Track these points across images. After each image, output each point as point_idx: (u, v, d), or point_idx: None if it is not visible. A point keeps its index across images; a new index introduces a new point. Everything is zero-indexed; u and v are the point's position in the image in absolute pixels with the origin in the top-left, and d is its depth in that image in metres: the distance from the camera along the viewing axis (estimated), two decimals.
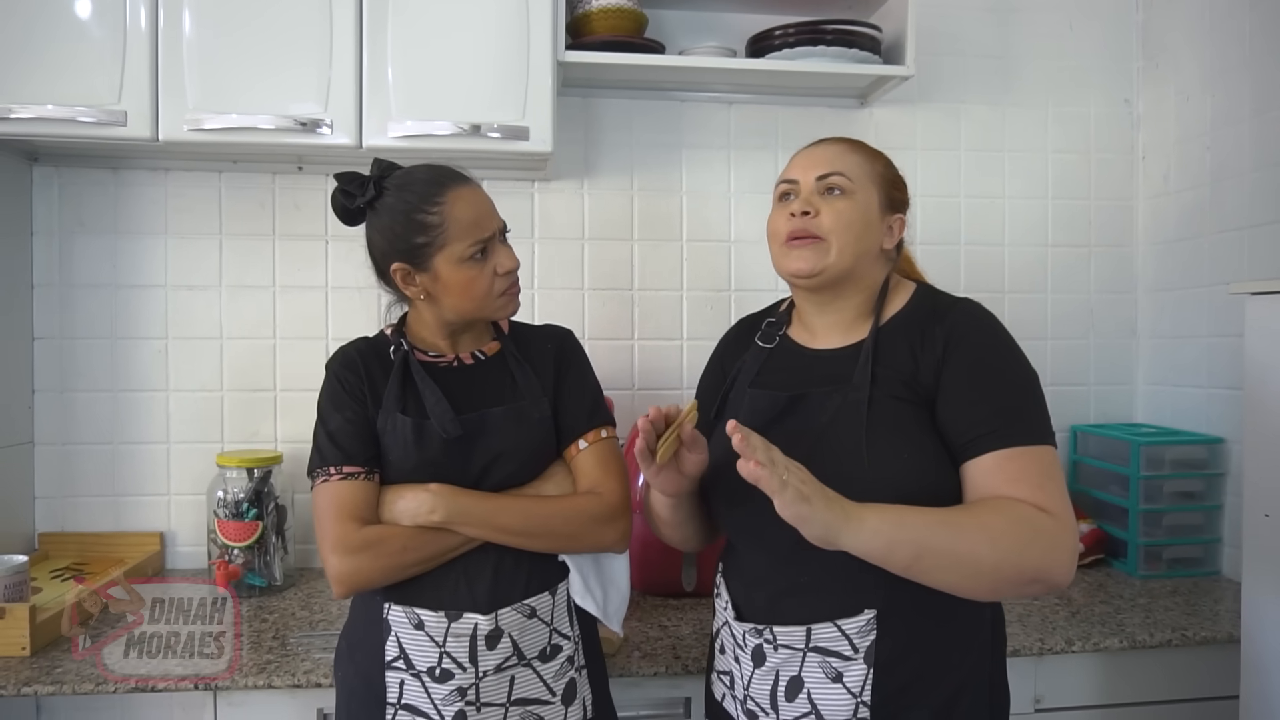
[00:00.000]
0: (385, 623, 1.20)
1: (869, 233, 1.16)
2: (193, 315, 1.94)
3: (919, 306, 1.16)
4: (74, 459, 1.92)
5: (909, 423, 1.08)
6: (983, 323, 1.12)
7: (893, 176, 1.21)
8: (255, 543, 1.78)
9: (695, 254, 2.09)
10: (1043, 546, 0.99)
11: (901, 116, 2.12)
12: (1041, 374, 2.07)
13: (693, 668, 1.45)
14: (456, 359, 1.29)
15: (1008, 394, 1.07)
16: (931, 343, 1.10)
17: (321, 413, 1.24)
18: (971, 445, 1.05)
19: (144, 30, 1.61)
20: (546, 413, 1.27)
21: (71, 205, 1.91)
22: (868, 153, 1.20)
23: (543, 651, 1.22)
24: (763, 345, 1.26)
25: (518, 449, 1.24)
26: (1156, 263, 2.15)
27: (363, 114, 1.67)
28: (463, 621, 1.18)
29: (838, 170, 1.16)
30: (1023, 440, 1.03)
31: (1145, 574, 1.90)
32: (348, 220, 1.26)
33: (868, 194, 1.16)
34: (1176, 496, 1.93)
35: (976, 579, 1.00)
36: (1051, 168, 2.19)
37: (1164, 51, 2.12)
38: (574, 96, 2.03)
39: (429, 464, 1.20)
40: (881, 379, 1.11)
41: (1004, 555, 0.98)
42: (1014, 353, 1.11)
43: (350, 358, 1.27)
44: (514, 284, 1.27)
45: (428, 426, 1.20)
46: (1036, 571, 0.99)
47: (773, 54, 1.86)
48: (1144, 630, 1.58)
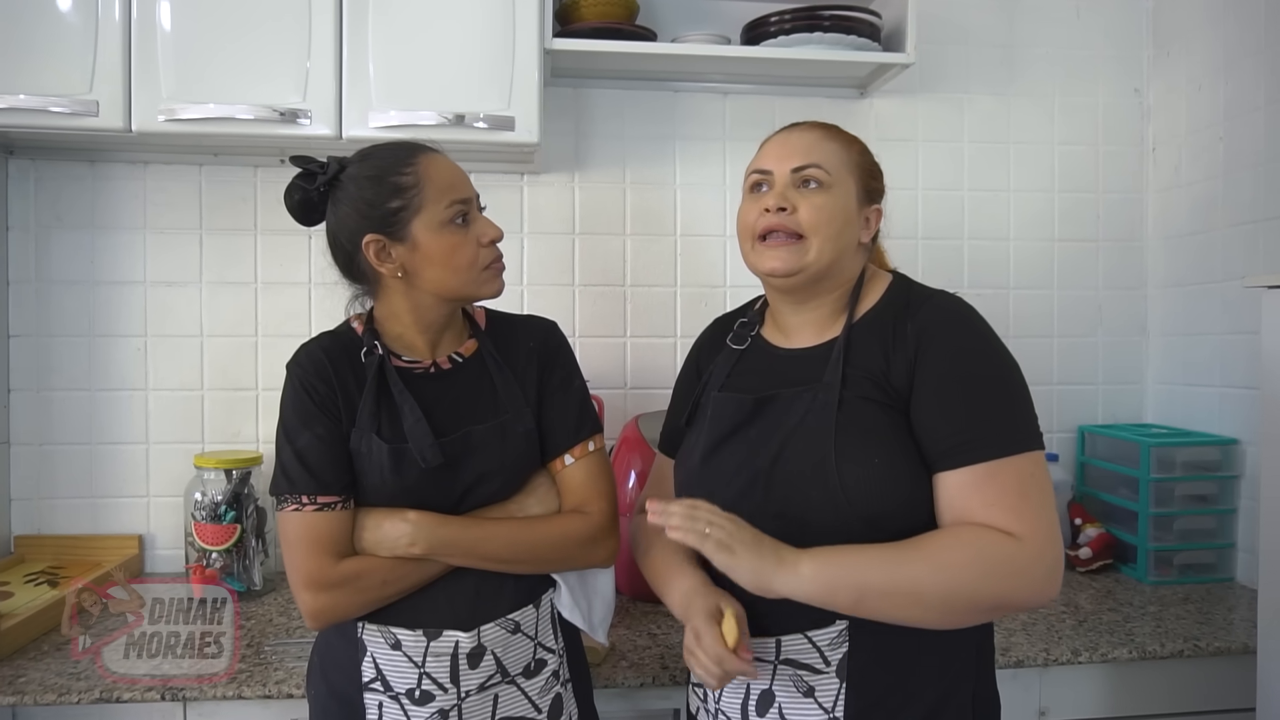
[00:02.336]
0: (360, 642, 1.13)
1: (849, 228, 1.09)
2: (172, 312, 1.89)
3: (893, 301, 1.09)
4: (51, 460, 1.87)
5: (881, 425, 1.01)
6: (957, 318, 1.05)
7: (869, 165, 1.14)
8: (233, 546, 1.73)
9: (689, 249, 2.03)
10: (1002, 576, 0.94)
11: (903, 107, 2.06)
12: (1048, 373, 2.10)
13: (680, 678, 1.39)
14: (434, 364, 1.19)
15: (984, 398, 1.00)
16: (903, 341, 1.04)
17: (286, 426, 1.12)
18: (945, 457, 0.99)
19: (117, 18, 1.57)
20: (530, 425, 1.19)
21: (48, 199, 1.86)
22: (844, 139, 1.13)
23: (527, 667, 1.16)
24: (734, 347, 1.20)
25: (502, 468, 1.16)
26: (1167, 257, 2.08)
27: (343, 104, 1.62)
28: (442, 640, 1.11)
29: (814, 161, 1.08)
30: (1000, 451, 0.97)
31: (1156, 580, 1.83)
32: (306, 213, 1.16)
33: (846, 186, 1.09)
34: (1188, 500, 1.86)
35: (926, 612, 0.96)
36: (1058, 160, 2.12)
37: (1175, 39, 2.05)
38: (564, 87, 1.98)
39: (407, 491, 1.11)
40: (852, 379, 1.04)
41: (953, 588, 0.94)
42: (992, 349, 1.03)
43: (319, 363, 1.13)
44: (498, 258, 1.17)
45: (406, 453, 1.10)
46: (996, 601, 0.96)
47: (768, 41, 1.80)
48: (1154, 640, 1.51)
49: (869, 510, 0.98)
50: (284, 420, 1.13)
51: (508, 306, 1.93)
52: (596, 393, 1.89)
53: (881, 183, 1.16)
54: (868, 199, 1.12)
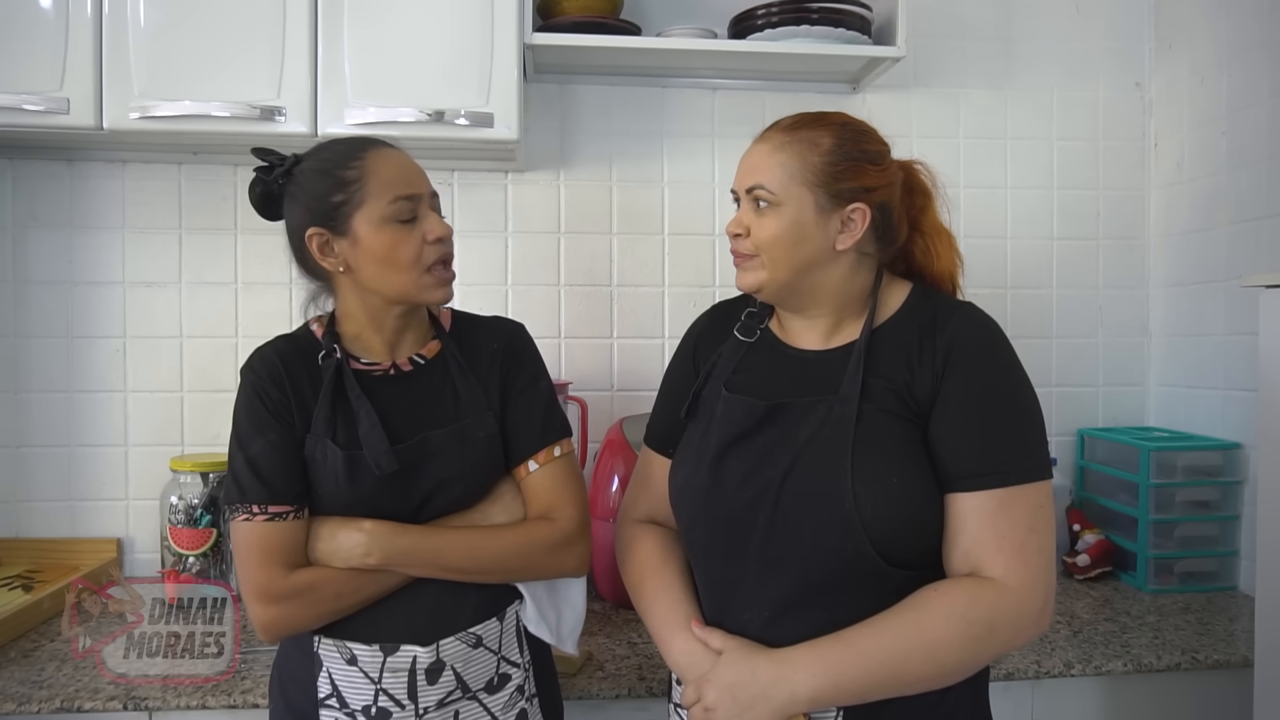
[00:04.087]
0: (316, 657, 1.09)
1: (803, 243, 1.03)
2: (151, 313, 1.87)
3: (916, 310, 1.05)
4: (28, 462, 1.85)
5: (899, 442, 0.98)
6: (987, 337, 1.02)
7: (837, 165, 1.02)
8: (209, 550, 1.70)
9: (678, 248, 1.99)
10: (1000, 635, 0.96)
11: (896, 102, 2.01)
12: (1047, 374, 2.05)
13: (658, 690, 1.35)
14: (394, 365, 1.15)
15: (1008, 424, 0.99)
16: (930, 354, 1.00)
17: (238, 432, 1.08)
18: (963, 479, 0.97)
19: (89, 14, 1.54)
20: (493, 429, 1.14)
21: (25, 199, 1.84)
22: (807, 141, 1.03)
23: (490, 682, 1.11)
24: (742, 339, 1.14)
25: (462, 475, 1.12)
26: (1169, 256, 2.02)
27: (318, 100, 1.59)
28: (400, 654, 1.07)
29: (758, 182, 1.04)
30: (1017, 479, 0.96)
31: (1155, 589, 1.78)
32: (267, 206, 1.14)
33: (798, 199, 1.02)
34: (1189, 506, 1.81)
35: (929, 687, 0.97)
36: (1057, 156, 2.07)
37: (1177, 31, 2.00)
38: (549, 83, 1.94)
39: (362, 500, 1.07)
40: (873, 390, 1.00)
41: (950, 666, 0.96)
42: (1018, 373, 1.02)
43: (272, 366, 1.10)
44: (445, 260, 1.12)
45: (361, 459, 1.06)
46: (997, 655, 0.99)
47: (755, 35, 1.76)
48: (1151, 652, 1.46)
49: (880, 531, 0.96)
50: (236, 426, 1.09)
51: (493, 307, 1.93)
52: (581, 395, 1.86)
53: (862, 179, 1.03)
54: (835, 203, 1.03)
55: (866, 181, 1.03)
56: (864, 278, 1.08)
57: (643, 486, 1.22)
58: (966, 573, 0.96)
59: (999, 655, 1.02)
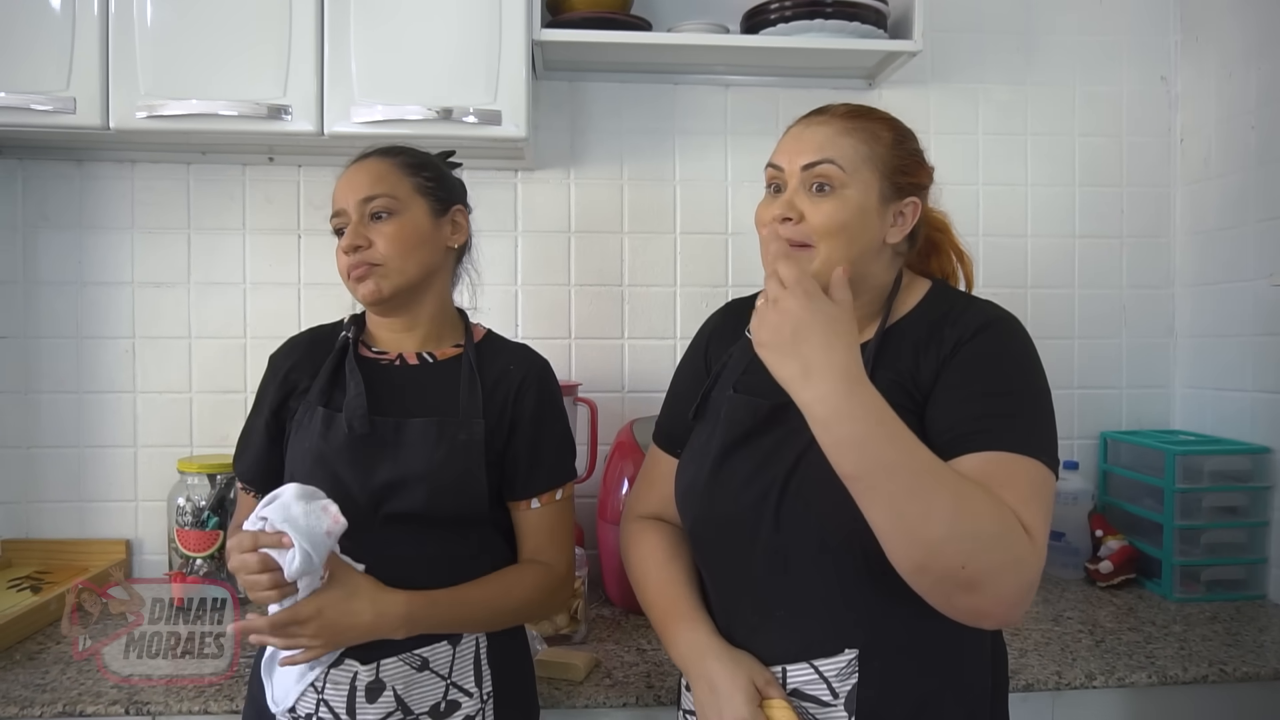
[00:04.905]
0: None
1: (864, 232, 0.99)
2: (160, 314, 1.86)
3: (931, 307, 1.02)
4: (38, 463, 1.84)
5: None
6: (1001, 327, 0.98)
7: (900, 158, 1.01)
8: (217, 553, 1.69)
9: (690, 247, 1.95)
10: (1002, 557, 0.82)
11: (913, 98, 1.96)
12: (1069, 376, 1.99)
13: (666, 699, 1.32)
14: (399, 357, 1.18)
15: (1012, 401, 0.92)
16: (939, 343, 0.97)
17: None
18: (955, 442, 0.89)
19: (95, 13, 1.53)
20: (477, 437, 1.12)
21: (35, 199, 1.83)
22: (870, 130, 1.01)
23: (435, 708, 1.08)
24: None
25: (429, 474, 1.08)
26: (1196, 254, 1.97)
27: (324, 98, 1.57)
28: (342, 667, 1.06)
29: (828, 157, 0.98)
30: (1016, 447, 0.88)
31: (1181, 597, 1.72)
32: None
33: (865, 185, 0.98)
34: (1217, 512, 1.75)
35: (914, 539, 0.82)
36: (1079, 152, 2.02)
37: (1204, 22, 1.94)
38: (559, 81, 1.91)
39: (324, 462, 1.08)
40: (880, 387, 0.94)
41: (956, 530, 0.81)
42: (1029, 361, 0.96)
43: (293, 343, 1.24)
44: (356, 265, 1.13)
45: (337, 420, 1.11)
46: (974, 579, 0.82)
47: (768, 30, 1.72)
48: (1177, 663, 1.41)
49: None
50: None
51: (503, 307, 1.91)
52: (591, 396, 1.84)
53: (919, 176, 1.03)
54: (897, 194, 1.00)
55: (921, 179, 1.04)
56: (891, 276, 1.05)
57: (649, 485, 1.20)
58: None
59: (978, 577, 0.82)
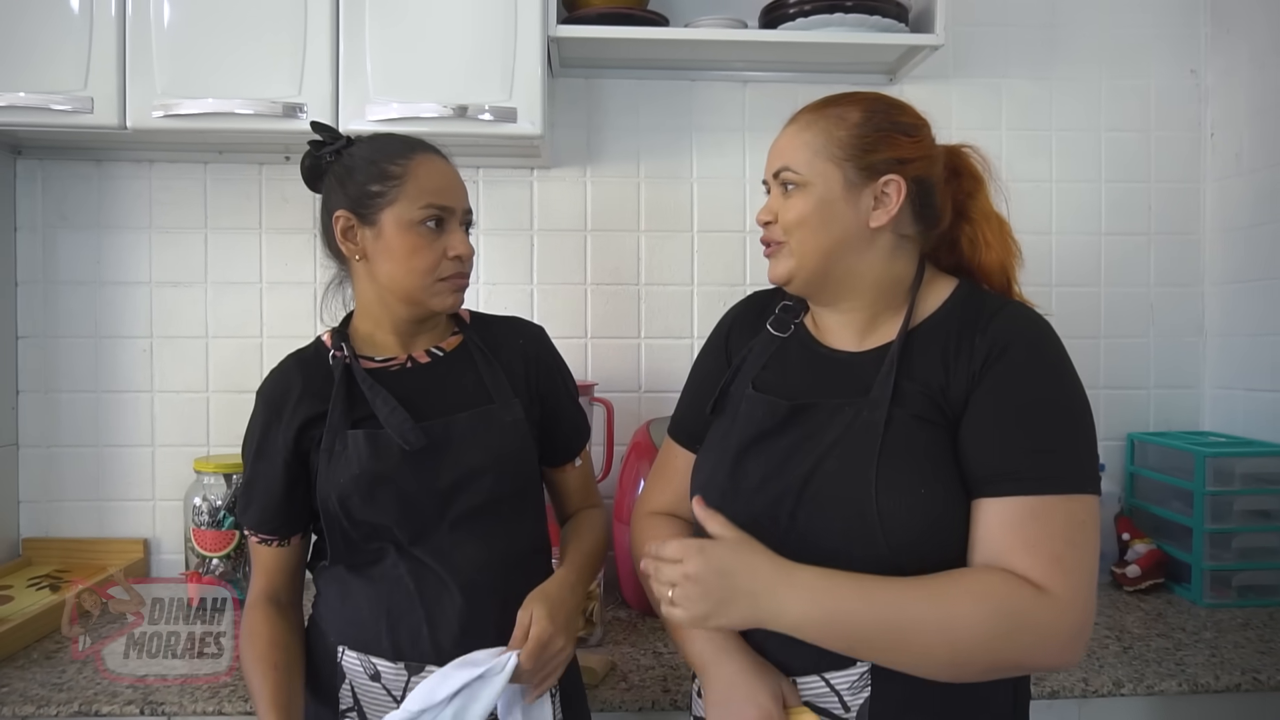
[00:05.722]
0: (340, 668, 1.08)
1: (832, 221, 0.98)
2: (177, 313, 1.86)
3: (959, 308, 0.98)
4: (58, 462, 1.85)
5: (930, 450, 0.91)
6: (1034, 336, 0.94)
7: (865, 136, 0.97)
8: (233, 552, 1.69)
9: (707, 245, 1.93)
10: (1026, 640, 0.84)
11: (935, 93, 1.93)
12: (1095, 375, 1.95)
13: (682, 703, 1.30)
14: (410, 359, 1.14)
15: (1048, 427, 0.89)
16: (969, 354, 0.93)
17: (244, 449, 1.15)
18: (994, 482, 0.88)
19: (113, 13, 1.53)
20: (519, 415, 1.13)
21: (55, 199, 1.84)
22: (833, 117, 0.99)
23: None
24: (775, 333, 1.09)
25: (493, 463, 1.09)
26: (1226, 251, 1.92)
27: (339, 96, 1.56)
28: (424, 674, 1.04)
29: (785, 164, 1.01)
30: (1055, 487, 0.87)
31: (1211, 603, 1.68)
32: (311, 178, 1.16)
33: (824, 176, 0.98)
34: (1248, 515, 1.71)
35: (929, 668, 0.87)
36: (1105, 147, 1.97)
37: (1235, 14, 1.89)
38: (575, 78, 1.90)
39: (385, 482, 1.05)
40: (906, 394, 0.93)
41: (961, 647, 0.85)
42: (1067, 377, 0.93)
43: (285, 370, 1.14)
44: (461, 274, 1.12)
45: (383, 436, 1.06)
46: (1011, 663, 0.87)
47: (787, 25, 1.69)
48: (1208, 671, 1.37)
49: (903, 544, 0.89)
50: (244, 442, 1.16)
51: (518, 306, 1.89)
52: (607, 396, 1.83)
53: (891, 150, 0.97)
54: (867, 177, 0.97)
55: (900, 153, 0.98)
56: (903, 266, 1.01)
57: (663, 479, 1.18)
58: None
59: (1016, 663, 0.87)
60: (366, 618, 1.07)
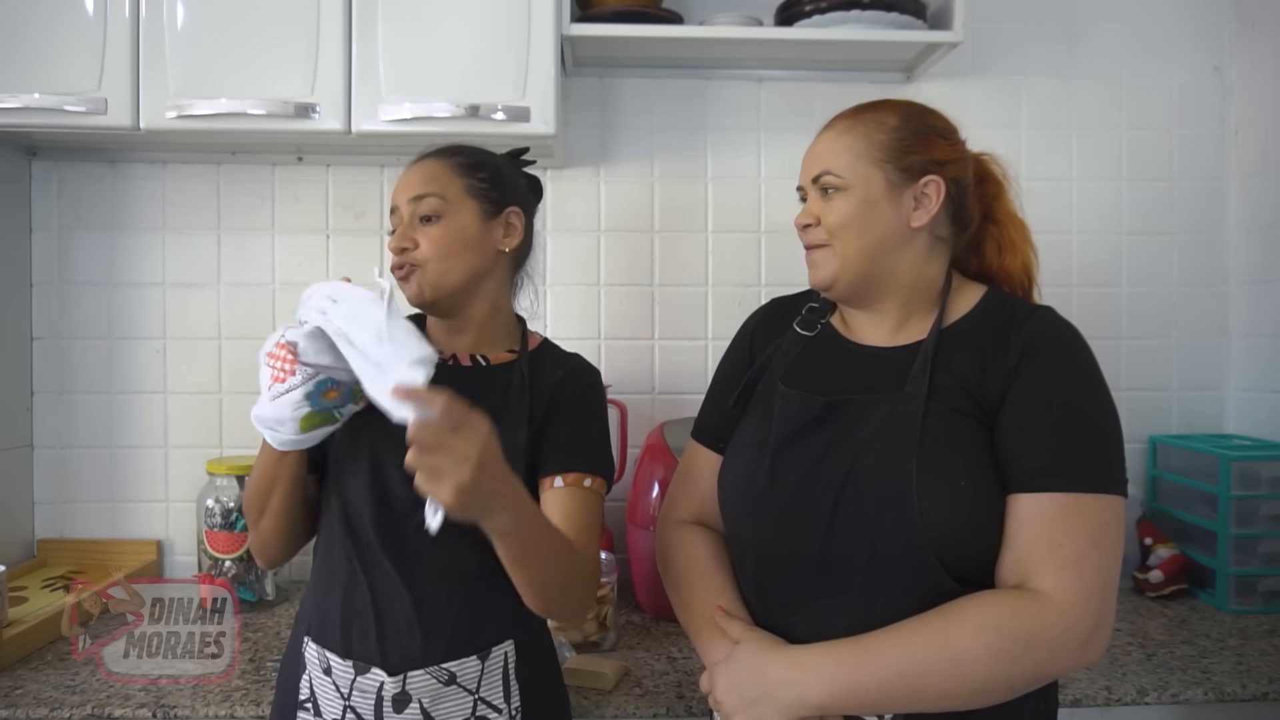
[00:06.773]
0: (303, 658, 1.09)
1: (876, 222, 1.00)
2: (190, 314, 1.86)
3: (991, 311, 1.00)
4: (72, 463, 1.86)
5: (968, 442, 0.92)
6: (1068, 340, 0.96)
7: (905, 139, 1.01)
8: (245, 554, 1.69)
9: (722, 246, 1.91)
10: (1038, 655, 0.87)
11: (953, 91, 1.90)
12: (1117, 377, 1.90)
13: (698, 709, 1.28)
14: (453, 358, 1.15)
15: (1081, 427, 0.92)
16: (1005, 351, 0.94)
17: None
18: (1028, 477, 0.90)
19: (126, 14, 1.53)
20: (520, 441, 1.08)
21: (69, 200, 1.84)
22: (872, 121, 1.03)
23: None
24: (802, 332, 1.09)
25: None
26: (1251, 250, 1.89)
27: (351, 96, 1.55)
28: (369, 676, 1.04)
29: (825, 168, 1.02)
30: (1085, 485, 0.89)
31: (1237, 609, 1.65)
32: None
33: (865, 179, 1.00)
34: (1274, 520, 1.68)
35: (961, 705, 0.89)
36: (1127, 146, 1.94)
37: (1261, 9, 1.86)
38: (589, 77, 1.88)
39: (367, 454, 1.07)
40: (941, 388, 0.94)
41: (979, 684, 0.87)
42: (1097, 382, 0.95)
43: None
44: (400, 265, 1.11)
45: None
46: (1036, 679, 0.90)
47: (803, 22, 1.68)
48: (1234, 679, 1.34)
49: (945, 537, 0.90)
50: None
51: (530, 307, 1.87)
52: (621, 398, 1.81)
53: (930, 152, 1.01)
54: (908, 178, 1.00)
55: (938, 154, 1.01)
56: (935, 268, 1.03)
57: (689, 483, 1.16)
58: (1014, 584, 0.89)
59: (1036, 678, 0.90)
60: (328, 612, 1.08)
